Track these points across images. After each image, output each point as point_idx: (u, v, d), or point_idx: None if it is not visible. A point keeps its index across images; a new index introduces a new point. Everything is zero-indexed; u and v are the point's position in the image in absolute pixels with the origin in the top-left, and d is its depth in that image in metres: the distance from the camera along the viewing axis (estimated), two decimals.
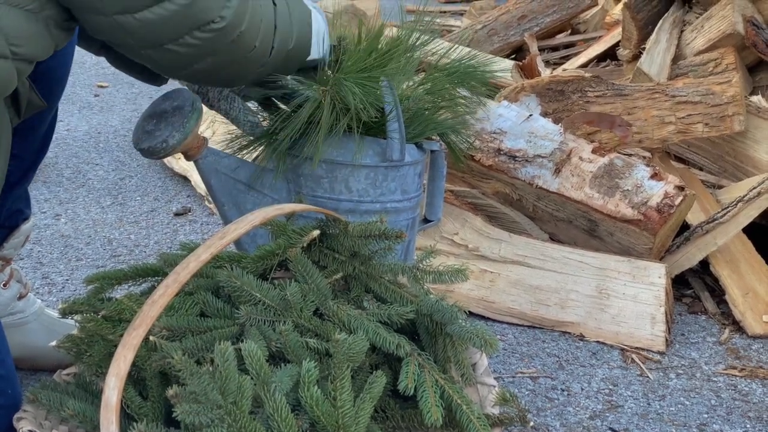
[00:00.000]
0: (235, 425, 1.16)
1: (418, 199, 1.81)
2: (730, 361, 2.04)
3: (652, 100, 2.47)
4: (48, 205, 2.67)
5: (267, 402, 1.20)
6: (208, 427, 1.15)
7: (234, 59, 1.45)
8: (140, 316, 1.26)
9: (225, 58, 1.43)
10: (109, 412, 1.19)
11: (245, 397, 1.19)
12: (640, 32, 3.14)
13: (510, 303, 2.14)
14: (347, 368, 1.28)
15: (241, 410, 1.18)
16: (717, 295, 2.27)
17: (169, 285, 1.30)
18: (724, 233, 2.22)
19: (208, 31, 1.36)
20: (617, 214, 2.16)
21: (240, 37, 1.41)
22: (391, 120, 1.71)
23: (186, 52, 1.38)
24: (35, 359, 1.79)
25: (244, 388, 1.19)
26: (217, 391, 1.18)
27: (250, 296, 1.41)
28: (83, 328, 1.43)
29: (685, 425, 1.80)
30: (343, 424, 1.23)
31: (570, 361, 2.00)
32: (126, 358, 1.22)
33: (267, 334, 1.36)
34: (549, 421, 1.79)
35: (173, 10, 1.31)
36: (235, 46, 1.42)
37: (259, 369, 1.23)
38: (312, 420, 1.24)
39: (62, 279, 2.23)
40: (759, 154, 2.49)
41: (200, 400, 1.17)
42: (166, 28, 1.33)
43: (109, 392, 1.20)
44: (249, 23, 1.41)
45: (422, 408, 1.32)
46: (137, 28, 1.32)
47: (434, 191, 1.94)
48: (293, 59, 1.60)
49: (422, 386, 1.35)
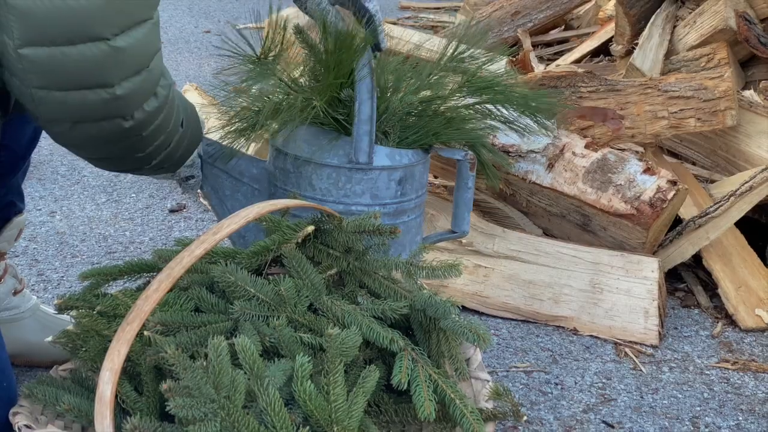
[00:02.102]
0: (228, 419, 1.17)
1: (397, 207, 1.75)
2: (723, 354, 2.06)
3: (644, 95, 2.48)
4: (43, 202, 2.67)
5: (260, 396, 1.21)
6: (201, 421, 1.16)
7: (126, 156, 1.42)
8: (134, 311, 1.27)
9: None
10: (103, 407, 1.20)
11: (238, 391, 1.20)
12: (632, 28, 3.15)
13: (504, 298, 2.15)
14: (340, 363, 1.28)
15: (234, 404, 1.18)
16: (710, 289, 2.28)
17: (163, 280, 1.31)
18: (717, 227, 2.23)
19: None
20: (610, 209, 2.17)
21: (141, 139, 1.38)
22: (361, 119, 1.67)
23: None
24: (30, 355, 1.80)
25: (237, 383, 1.20)
26: (210, 385, 1.18)
27: (244, 291, 1.41)
28: (78, 324, 1.44)
29: (677, 418, 1.81)
30: (337, 418, 1.24)
31: (563, 355, 2.01)
32: (120, 352, 1.23)
33: (261, 329, 1.37)
34: (543, 415, 1.80)
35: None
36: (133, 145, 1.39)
37: (252, 363, 1.23)
38: (305, 414, 1.24)
39: (57, 276, 2.23)
40: (751, 148, 2.50)
41: (194, 395, 1.18)
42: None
43: (104, 386, 1.21)
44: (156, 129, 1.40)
45: (415, 402, 1.32)
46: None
47: (458, 202, 1.86)
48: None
49: (416, 380, 1.35)
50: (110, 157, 1.42)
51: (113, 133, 1.32)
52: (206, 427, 1.16)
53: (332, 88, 1.71)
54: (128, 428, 1.20)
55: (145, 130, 1.36)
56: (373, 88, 1.67)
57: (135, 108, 1.31)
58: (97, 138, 1.33)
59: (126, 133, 1.34)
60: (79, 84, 1.24)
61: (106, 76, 1.25)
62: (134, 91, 1.29)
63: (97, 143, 1.35)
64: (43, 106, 1.26)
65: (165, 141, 1.44)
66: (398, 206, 1.75)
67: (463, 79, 1.86)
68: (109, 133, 1.32)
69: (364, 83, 1.67)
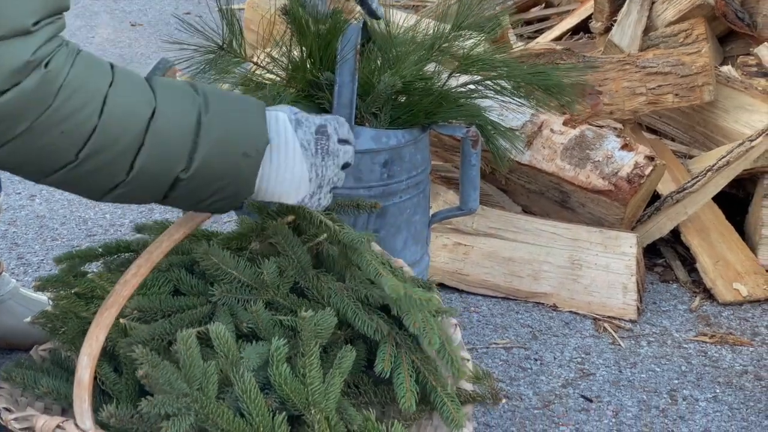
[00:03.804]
0: (202, 412, 1.16)
1: (384, 189, 1.72)
2: (701, 328, 2.07)
3: (622, 71, 2.49)
4: (23, 185, 2.67)
5: (236, 383, 1.21)
6: (175, 416, 1.16)
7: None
8: (113, 296, 1.27)
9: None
10: (81, 390, 1.20)
11: (211, 382, 1.19)
12: (611, 5, 3.15)
13: (484, 275, 2.17)
14: (315, 345, 1.28)
15: (207, 396, 1.18)
16: (688, 264, 2.30)
17: (142, 265, 1.31)
18: (694, 202, 2.25)
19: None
20: (588, 185, 2.18)
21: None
22: (341, 102, 1.63)
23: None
24: (10, 338, 1.80)
25: (209, 374, 1.19)
26: (182, 380, 1.18)
27: (225, 273, 1.41)
28: (57, 305, 1.44)
29: (655, 391, 1.83)
30: (314, 401, 1.24)
31: (543, 331, 2.03)
32: (98, 338, 1.24)
33: (239, 313, 1.37)
34: (522, 390, 1.81)
35: None
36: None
37: (227, 351, 1.23)
38: (282, 398, 1.24)
39: (37, 259, 2.23)
40: (729, 123, 2.51)
41: (166, 390, 1.18)
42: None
43: (82, 371, 1.21)
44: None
45: (397, 392, 1.33)
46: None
47: (463, 180, 1.83)
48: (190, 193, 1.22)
49: (398, 368, 1.35)
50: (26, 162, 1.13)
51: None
52: (180, 422, 1.15)
53: (312, 71, 1.69)
54: (105, 416, 1.21)
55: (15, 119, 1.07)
56: (355, 70, 1.64)
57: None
58: None
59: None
60: None
61: None
62: None
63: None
64: None
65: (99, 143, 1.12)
66: (385, 188, 1.73)
67: (463, 56, 1.83)
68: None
69: (347, 64, 1.64)
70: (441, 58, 1.83)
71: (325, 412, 1.24)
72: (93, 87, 1.11)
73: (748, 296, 2.17)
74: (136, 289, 1.36)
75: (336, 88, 1.65)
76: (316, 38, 1.69)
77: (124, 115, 1.13)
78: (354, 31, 1.65)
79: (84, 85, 1.10)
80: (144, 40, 4.29)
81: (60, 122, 1.09)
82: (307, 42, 1.68)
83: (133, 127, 1.13)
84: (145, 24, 4.58)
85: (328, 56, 1.69)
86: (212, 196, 1.22)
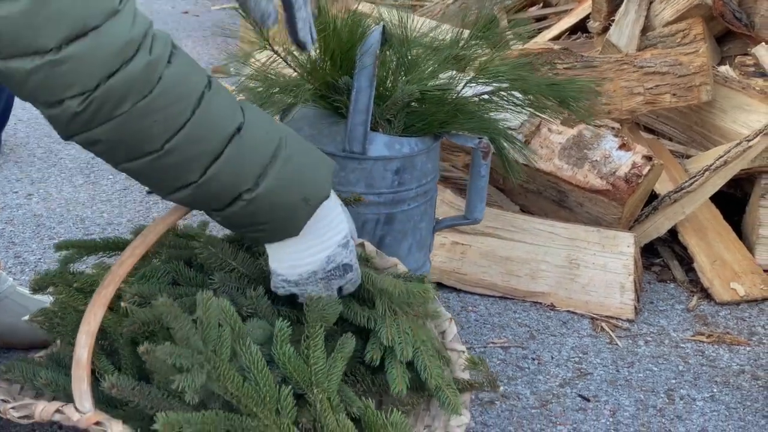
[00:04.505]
0: (214, 371, 1.18)
1: (393, 196, 1.72)
2: (698, 327, 2.07)
3: (620, 71, 2.49)
4: (20, 184, 2.66)
5: (243, 354, 1.22)
6: (188, 371, 1.16)
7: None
8: (109, 276, 1.28)
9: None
10: (80, 370, 1.19)
11: (225, 345, 1.21)
12: (609, 4, 3.15)
13: (481, 275, 2.17)
14: (321, 327, 1.30)
15: (221, 358, 1.19)
16: (685, 264, 2.30)
17: (137, 246, 1.31)
18: (692, 202, 2.25)
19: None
20: (586, 185, 2.18)
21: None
22: (358, 108, 1.62)
23: None
24: (8, 337, 1.80)
25: (224, 338, 1.21)
26: (198, 337, 1.19)
27: (224, 264, 1.42)
28: (56, 301, 1.44)
29: (653, 391, 1.83)
30: (317, 380, 1.25)
31: (540, 331, 2.03)
32: (96, 315, 1.23)
33: (238, 300, 1.38)
34: (519, 390, 1.81)
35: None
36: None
37: (233, 324, 1.25)
38: (284, 376, 1.25)
39: (35, 258, 2.23)
40: (726, 123, 2.51)
41: (182, 345, 1.18)
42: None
43: (80, 350, 1.20)
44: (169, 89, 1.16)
45: (389, 378, 1.34)
46: None
47: (470, 190, 1.83)
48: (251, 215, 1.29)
49: (391, 354, 1.37)
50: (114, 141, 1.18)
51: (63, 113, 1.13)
52: (193, 376, 1.16)
53: (330, 73, 1.69)
54: (106, 386, 1.20)
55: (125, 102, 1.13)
56: (373, 76, 1.63)
57: (87, 77, 1.10)
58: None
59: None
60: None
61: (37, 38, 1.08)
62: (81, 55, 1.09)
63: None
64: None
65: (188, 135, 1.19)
66: (395, 196, 1.73)
67: (480, 65, 1.82)
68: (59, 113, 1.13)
69: (365, 70, 1.62)
70: (458, 65, 1.83)
71: (328, 393, 1.26)
72: (192, 85, 1.18)
73: (745, 296, 2.17)
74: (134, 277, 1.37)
75: (353, 93, 1.63)
76: (338, 41, 1.69)
77: (215, 119, 1.20)
78: (375, 38, 1.64)
79: (184, 81, 1.17)
80: None
81: (158, 110, 1.15)
82: (329, 44, 1.68)
83: (219, 132, 1.20)
84: None
85: (348, 60, 1.68)
86: (262, 224, 1.29)
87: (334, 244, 1.35)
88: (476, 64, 1.83)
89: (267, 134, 1.25)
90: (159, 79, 1.14)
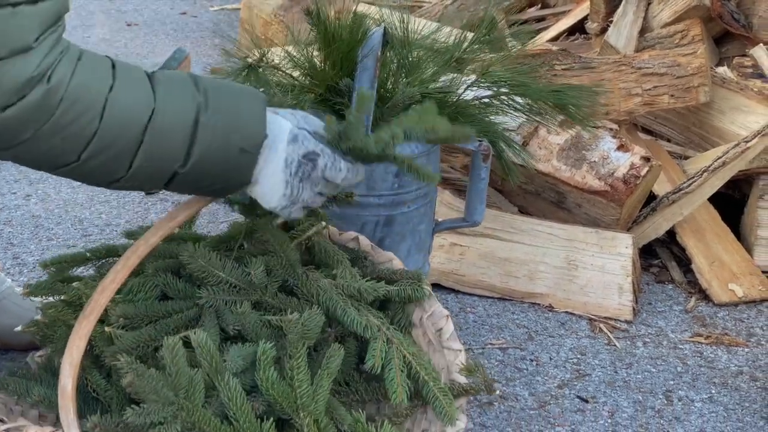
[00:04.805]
0: (189, 419, 1.16)
1: (394, 198, 1.73)
2: (696, 328, 2.08)
3: (618, 72, 2.49)
4: (18, 185, 2.66)
5: (222, 390, 1.20)
6: (161, 425, 1.15)
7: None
8: (90, 304, 1.28)
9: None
10: (66, 401, 1.21)
11: (197, 390, 1.19)
12: (607, 5, 3.14)
13: (480, 276, 2.17)
14: (303, 347, 1.27)
15: (194, 404, 1.18)
16: (683, 265, 2.30)
17: (119, 271, 1.31)
18: (690, 203, 2.25)
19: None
20: (584, 186, 2.18)
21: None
22: (360, 109, 1.63)
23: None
24: (6, 338, 1.80)
25: (195, 381, 1.19)
26: (168, 388, 1.17)
27: (212, 275, 1.40)
28: (45, 314, 1.44)
29: (651, 392, 1.83)
30: (302, 404, 1.23)
31: (539, 332, 2.03)
32: (78, 347, 1.25)
33: (225, 316, 1.36)
34: (518, 391, 1.81)
35: None
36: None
37: (210, 359, 1.22)
38: (269, 401, 1.24)
39: (33, 259, 2.23)
40: (724, 124, 2.52)
41: (152, 399, 1.17)
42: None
43: (65, 380, 1.22)
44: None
45: (388, 387, 1.32)
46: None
47: (470, 193, 1.83)
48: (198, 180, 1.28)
49: (389, 364, 1.34)
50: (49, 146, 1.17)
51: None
52: (167, 430, 1.15)
53: (332, 76, 1.68)
54: (89, 427, 1.21)
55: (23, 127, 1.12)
56: (375, 78, 1.62)
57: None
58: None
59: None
60: None
61: None
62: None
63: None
64: None
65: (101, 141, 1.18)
66: (395, 198, 1.73)
67: (481, 69, 1.82)
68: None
69: (366, 72, 1.62)
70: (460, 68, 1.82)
71: (314, 415, 1.23)
72: (94, 93, 1.15)
73: (744, 297, 2.17)
74: (122, 295, 1.36)
75: (354, 95, 1.63)
76: (340, 43, 1.68)
77: (124, 118, 1.18)
78: (376, 39, 1.63)
79: (85, 93, 1.15)
80: (140, 39, 4.28)
81: (62, 129, 1.14)
82: (331, 47, 1.67)
83: (132, 129, 1.18)
84: (140, 24, 4.57)
85: (348, 61, 1.68)
86: (211, 185, 1.29)
87: (282, 149, 1.27)
88: (477, 67, 1.83)
89: (183, 105, 1.21)
90: (60, 101, 1.13)
